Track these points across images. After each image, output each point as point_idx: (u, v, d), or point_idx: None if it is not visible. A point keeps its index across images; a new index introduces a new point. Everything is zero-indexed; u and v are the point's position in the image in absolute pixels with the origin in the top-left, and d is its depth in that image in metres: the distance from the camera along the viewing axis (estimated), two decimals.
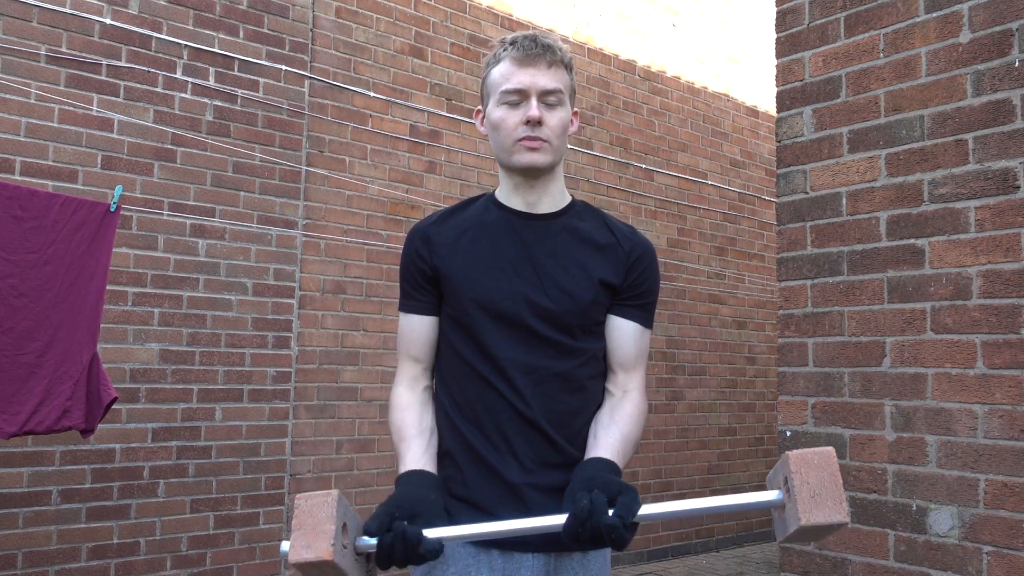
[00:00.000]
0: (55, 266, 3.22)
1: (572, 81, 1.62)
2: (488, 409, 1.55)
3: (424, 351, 1.65)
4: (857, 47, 2.80)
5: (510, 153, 1.57)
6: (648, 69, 6.67)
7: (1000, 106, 2.45)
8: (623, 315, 1.63)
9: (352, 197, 5.02)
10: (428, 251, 1.61)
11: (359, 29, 5.11)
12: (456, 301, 1.58)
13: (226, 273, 4.52)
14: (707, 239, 6.94)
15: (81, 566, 4.01)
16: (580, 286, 1.57)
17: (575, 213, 1.65)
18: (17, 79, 3.94)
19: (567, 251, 1.60)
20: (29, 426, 3.13)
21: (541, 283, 1.57)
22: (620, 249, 1.62)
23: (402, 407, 1.61)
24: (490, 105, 1.60)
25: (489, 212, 1.64)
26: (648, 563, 6.25)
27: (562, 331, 1.56)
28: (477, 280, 1.57)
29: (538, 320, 1.55)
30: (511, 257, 1.59)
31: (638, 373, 1.64)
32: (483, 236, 1.61)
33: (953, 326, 2.49)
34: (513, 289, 1.56)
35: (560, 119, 1.57)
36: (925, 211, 2.58)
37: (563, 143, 1.60)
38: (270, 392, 4.63)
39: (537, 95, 1.55)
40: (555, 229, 1.62)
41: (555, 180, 1.64)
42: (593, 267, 1.59)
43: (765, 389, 7.27)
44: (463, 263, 1.59)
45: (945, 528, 2.46)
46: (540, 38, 1.58)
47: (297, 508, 1.28)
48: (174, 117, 4.39)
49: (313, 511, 1.26)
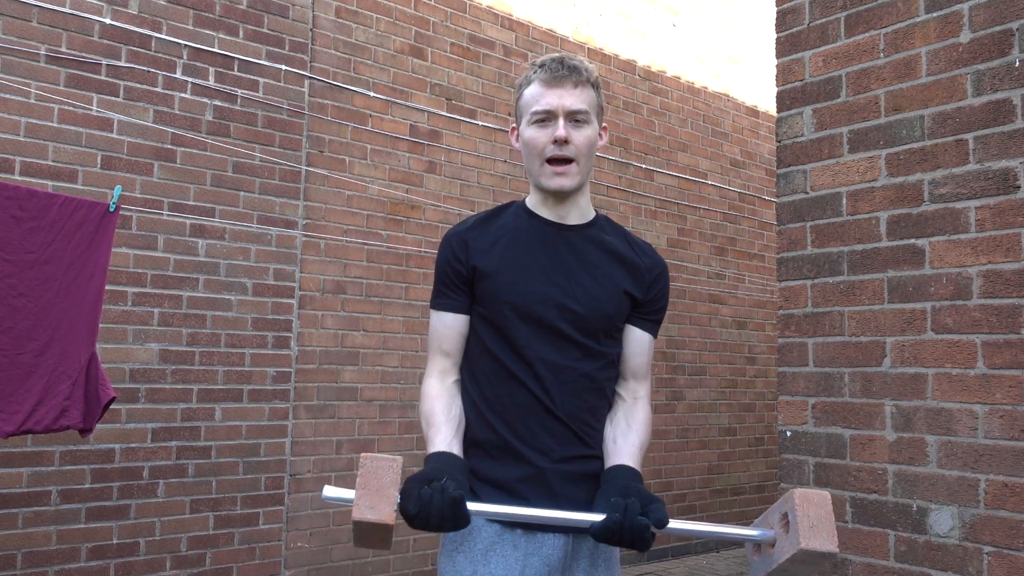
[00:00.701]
0: (54, 266, 3.22)
1: (599, 99, 1.74)
2: (517, 404, 1.66)
3: (454, 347, 1.75)
4: (857, 47, 2.80)
5: (540, 176, 1.70)
6: (648, 69, 6.67)
7: (1000, 106, 2.44)
8: (641, 327, 1.77)
9: (352, 197, 5.01)
10: (465, 254, 1.72)
11: (359, 29, 5.11)
12: (492, 302, 1.69)
13: (226, 273, 4.52)
14: (707, 239, 6.94)
15: (81, 566, 4.01)
16: (607, 294, 1.70)
17: (600, 226, 1.78)
18: (17, 79, 3.94)
19: (595, 261, 1.73)
20: (27, 425, 3.12)
21: (572, 289, 1.69)
22: (641, 265, 1.76)
23: (432, 396, 1.71)
24: (522, 125, 1.72)
25: (521, 219, 1.76)
26: (648, 563, 6.25)
27: (588, 335, 1.68)
28: (513, 283, 1.68)
29: (567, 324, 1.67)
30: (544, 263, 1.70)
31: (647, 381, 1.80)
32: (518, 242, 1.72)
33: (953, 326, 2.49)
34: (546, 293, 1.67)
35: (587, 137, 1.68)
36: (925, 211, 2.58)
37: (590, 160, 1.71)
38: (270, 392, 4.63)
39: (564, 115, 1.67)
40: (583, 240, 1.74)
41: (582, 195, 1.76)
42: (618, 278, 1.73)
43: (765, 389, 7.27)
44: (500, 266, 1.69)
45: (945, 528, 2.46)
46: (568, 59, 1.70)
47: (363, 468, 1.34)
48: (174, 117, 4.39)
49: (379, 473, 1.34)
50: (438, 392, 1.72)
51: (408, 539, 5.11)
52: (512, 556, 1.60)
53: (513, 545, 1.61)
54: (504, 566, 1.60)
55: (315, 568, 4.75)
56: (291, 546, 4.66)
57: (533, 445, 1.65)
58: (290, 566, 4.66)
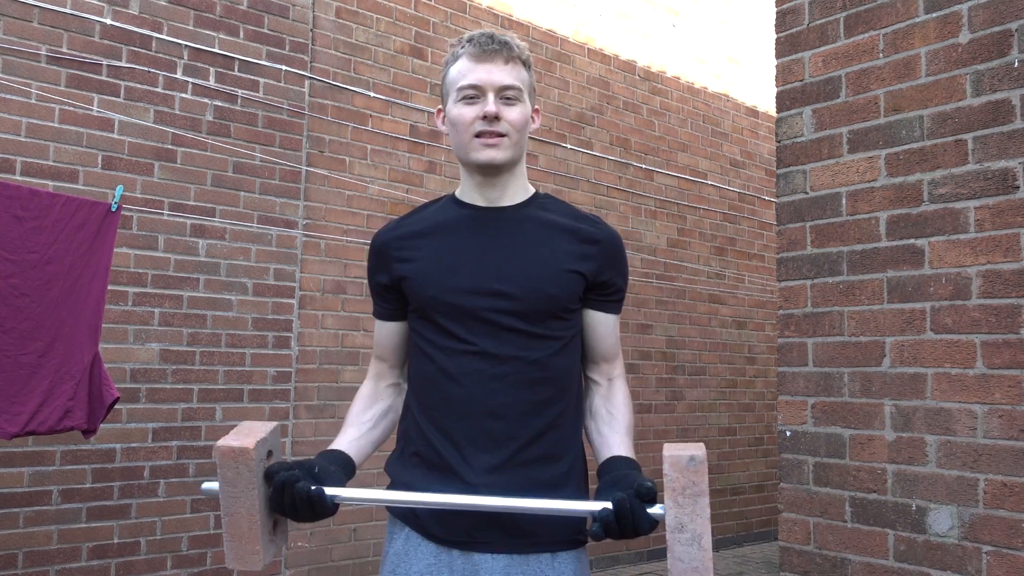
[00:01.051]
0: (57, 266, 3.22)
1: (531, 78, 1.61)
2: (454, 409, 1.53)
3: (386, 352, 1.69)
4: (857, 47, 2.80)
5: (468, 150, 1.57)
6: (648, 69, 6.68)
7: (1000, 106, 2.45)
8: (602, 309, 1.63)
9: (352, 197, 5.02)
10: (385, 261, 1.63)
11: (359, 29, 5.11)
12: (419, 301, 1.58)
13: (226, 273, 4.52)
14: (707, 239, 6.95)
15: (81, 566, 4.01)
16: (549, 274, 1.55)
17: (539, 204, 1.64)
18: (18, 79, 3.95)
19: (532, 239, 1.58)
20: (31, 426, 3.13)
21: (507, 273, 1.54)
22: (589, 239, 1.60)
23: (356, 398, 1.68)
24: (449, 103, 1.60)
25: (448, 210, 1.64)
26: (648, 563, 6.25)
27: (531, 320, 1.54)
28: (438, 278, 1.56)
29: (504, 312, 1.53)
30: (472, 251, 1.57)
31: (619, 360, 1.67)
32: (442, 234, 1.60)
33: (953, 326, 2.49)
34: (476, 283, 1.54)
35: (519, 114, 1.56)
36: (925, 211, 2.59)
37: (523, 138, 1.59)
38: (270, 392, 4.63)
39: (494, 91, 1.55)
40: (518, 219, 1.60)
41: (517, 176, 1.63)
42: (561, 254, 1.57)
43: (765, 389, 7.27)
44: (422, 263, 1.58)
45: (945, 528, 2.46)
46: (497, 35, 1.58)
47: (241, 423, 1.39)
48: (174, 117, 4.39)
49: (252, 427, 1.37)
50: (361, 394, 1.67)
51: None
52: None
53: (450, 569, 1.50)
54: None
55: (315, 568, 4.76)
56: (291, 546, 4.67)
57: (471, 453, 1.51)
58: (290, 566, 4.66)
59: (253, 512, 1.33)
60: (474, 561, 1.50)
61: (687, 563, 1.23)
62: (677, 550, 1.23)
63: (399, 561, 1.54)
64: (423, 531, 1.53)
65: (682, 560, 1.23)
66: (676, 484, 1.25)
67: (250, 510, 1.33)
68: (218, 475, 1.34)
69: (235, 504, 1.34)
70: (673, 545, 1.23)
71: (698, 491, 1.24)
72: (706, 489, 1.25)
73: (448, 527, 1.51)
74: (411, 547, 1.54)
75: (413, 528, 1.55)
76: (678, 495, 1.24)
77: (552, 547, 1.53)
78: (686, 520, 1.23)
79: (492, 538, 1.49)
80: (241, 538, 1.34)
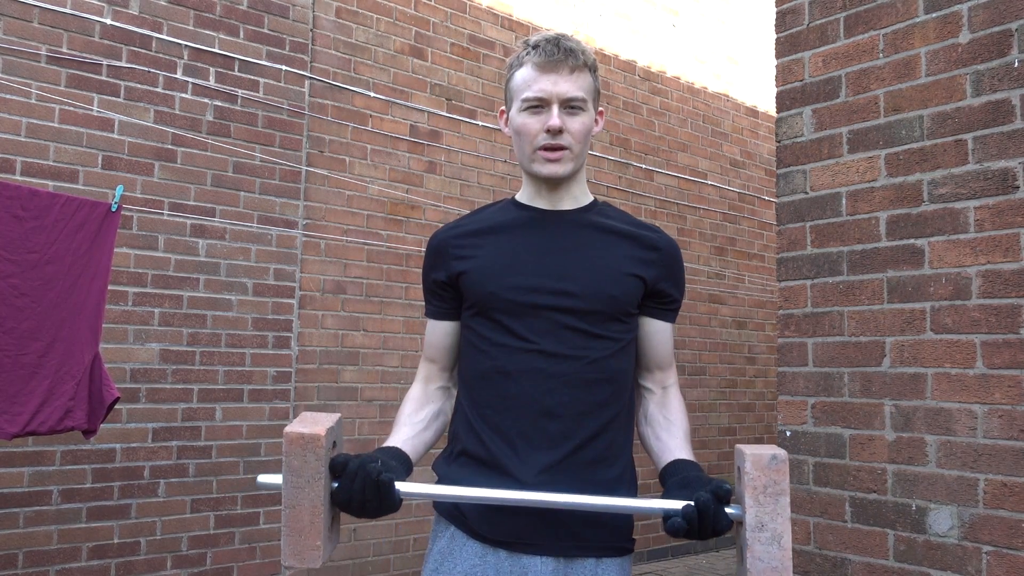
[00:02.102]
0: (57, 266, 3.22)
1: (596, 83, 1.61)
2: (509, 406, 1.52)
3: (438, 353, 1.67)
4: (857, 47, 2.80)
5: (531, 161, 1.57)
6: (648, 69, 6.68)
7: (999, 106, 2.45)
8: (660, 318, 1.64)
9: (352, 197, 5.02)
10: (443, 258, 1.62)
11: (359, 29, 5.11)
12: (477, 297, 1.57)
13: (226, 273, 4.52)
14: (707, 239, 6.95)
15: (82, 566, 4.01)
16: (610, 275, 1.56)
17: (599, 210, 1.65)
18: (18, 79, 3.95)
19: (593, 243, 1.59)
20: (31, 427, 3.13)
21: (569, 272, 1.55)
22: (650, 246, 1.61)
23: (406, 400, 1.65)
24: (513, 110, 1.60)
25: (508, 212, 1.64)
26: (648, 563, 6.25)
27: (592, 320, 1.54)
28: (499, 274, 1.55)
29: (566, 310, 1.53)
30: (533, 250, 1.57)
31: (673, 369, 1.67)
32: (502, 233, 1.60)
33: (953, 326, 2.49)
34: (537, 281, 1.54)
35: (582, 124, 1.56)
36: (925, 211, 2.59)
37: (585, 148, 1.59)
38: (270, 392, 4.63)
39: (559, 103, 1.54)
40: (579, 223, 1.61)
41: (578, 181, 1.64)
42: (621, 258, 1.58)
43: (765, 389, 7.27)
44: (482, 260, 1.58)
45: (945, 528, 2.46)
46: (563, 41, 1.56)
47: (303, 412, 1.36)
48: (174, 117, 4.39)
49: (317, 416, 1.33)
50: (412, 396, 1.65)
51: (408, 539, 5.11)
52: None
53: (496, 570, 1.49)
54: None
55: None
56: None
57: (524, 453, 1.49)
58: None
59: (317, 504, 1.28)
60: (522, 564, 1.49)
61: (766, 562, 1.22)
62: (757, 549, 1.23)
63: (443, 559, 1.53)
64: (469, 530, 1.52)
65: (762, 560, 1.22)
66: (758, 483, 1.24)
67: (314, 502, 1.28)
68: (283, 464, 1.28)
69: (298, 495, 1.28)
70: (753, 544, 1.23)
71: (779, 490, 1.24)
72: (787, 489, 1.25)
73: (496, 527, 1.49)
74: (456, 546, 1.53)
75: (459, 527, 1.54)
76: (759, 494, 1.24)
77: (599, 553, 1.52)
78: (767, 519, 1.23)
79: (541, 540, 1.48)
80: (302, 532, 1.29)
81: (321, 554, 1.30)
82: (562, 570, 1.49)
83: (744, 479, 1.26)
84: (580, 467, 1.50)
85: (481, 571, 1.50)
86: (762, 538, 1.22)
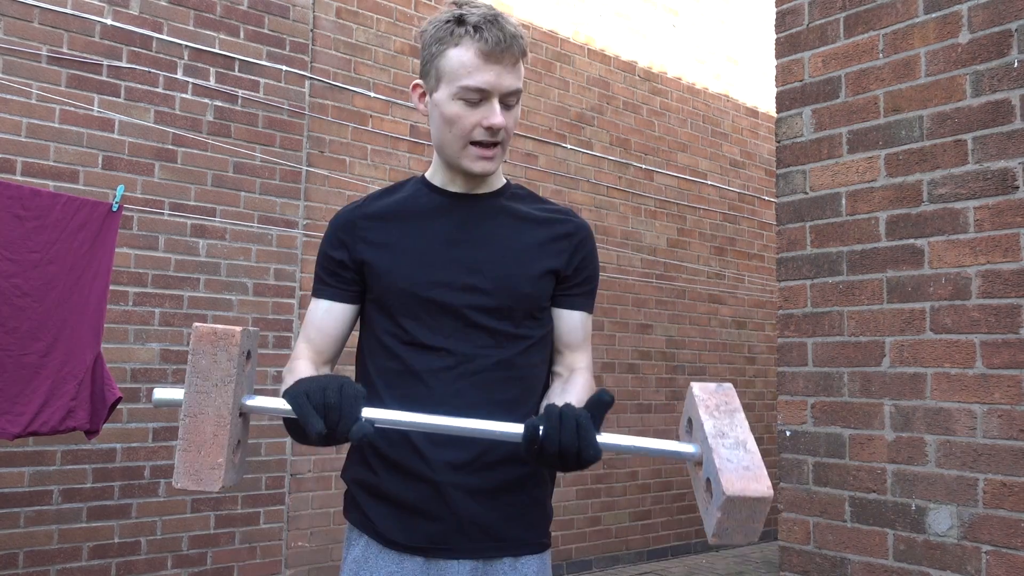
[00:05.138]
0: (58, 266, 3.23)
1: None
2: (416, 405, 1.38)
3: (326, 341, 1.54)
4: (856, 47, 2.81)
5: (459, 156, 1.46)
6: (648, 69, 6.68)
7: (999, 106, 2.45)
8: (571, 306, 1.55)
9: (352, 197, 5.02)
10: (348, 238, 1.52)
11: (359, 29, 5.12)
12: (385, 290, 1.48)
13: (227, 273, 4.53)
14: (707, 239, 6.95)
15: (82, 565, 4.01)
16: (523, 271, 1.48)
17: (511, 194, 1.56)
18: (18, 79, 3.95)
19: (507, 234, 1.50)
20: (33, 427, 3.13)
21: (479, 267, 1.47)
22: (562, 231, 1.53)
23: (295, 359, 1.52)
24: (442, 92, 1.45)
25: (420, 197, 1.54)
26: (648, 563, 6.25)
27: (502, 318, 1.46)
28: (409, 267, 1.47)
29: (475, 307, 1.46)
30: (445, 241, 1.49)
31: (585, 352, 1.58)
32: (412, 222, 1.51)
33: (952, 326, 2.50)
34: (448, 276, 1.46)
35: (515, 118, 1.48)
36: (924, 211, 2.59)
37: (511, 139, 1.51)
38: (270, 392, 4.64)
39: (499, 96, 1.43)
40: (493, 211, 1.52)
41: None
42: (535, 251, 1.50)
43: (765, 389, 7.28)
44: (391, 251, 1.49)
45: (944, 527, 2.47)
46: (506, 25, 1.42)
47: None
48: (175, 117, 4.40)
49: (233, 326, 1.16)
50: (301, 355, 1.51)
51: None
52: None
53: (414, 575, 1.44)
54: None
55: (315, 568, 4.76)
56: (292, 545, 4.67)
57: (435, 452, 1.42)
58: (290, 565, 4.67)
59: (224, 413, 1.11)
60: (440, 568, 1.44)
61: (736, 462, 1.09)
62: (723, 452, 1.10)
63: (359, 568, 1.48)
64: (382, 539, 1.47)
65: (731, 460, 1.09)
66: (709, 402, 1.16)
67: (220, 410, 1.11)
68: (188, 365, 1.13)
69: (202, 402, 1.12)
70: (718, 449, 1.11)
71: (732, 408, 1.16)
72: (740, 408, 1.16)
73: (411, 534, 1.45)
74: (371, 554, 1.47)
75: (372, 536, 1.48)
76: (713, 410, 1.15)
77: (516, 552, 1.48)
78: (726, 428, 1.13)
79: (457, 544, 1.44)
80: (202, 447, 1.11)
81: (222, 474, 1.11)
82: (481, 570, 1.46)
83: (694, 403, 1.17)
84: (492, 467, 1.45)
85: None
86: (726, 443, 1.12)
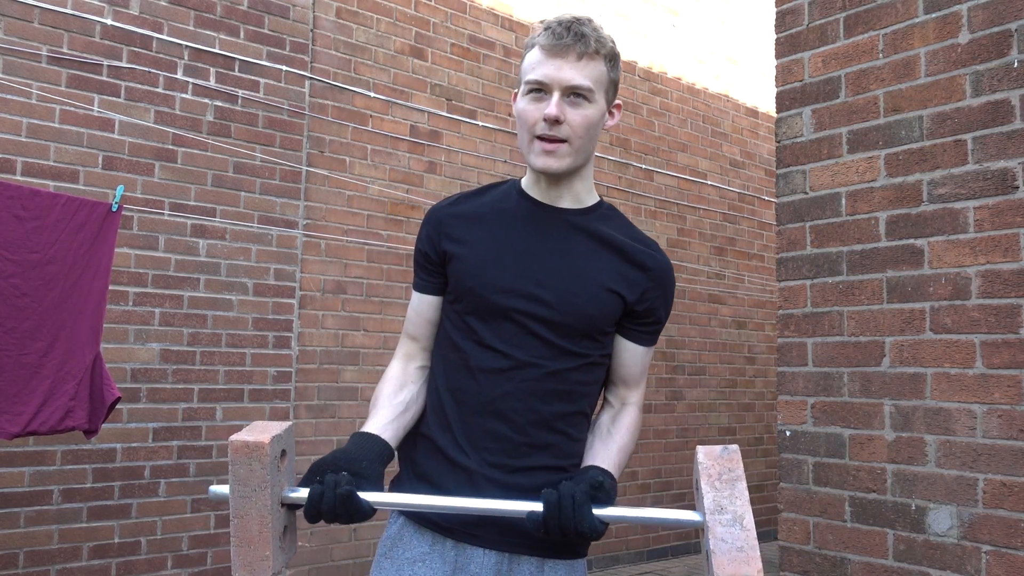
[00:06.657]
0: (58, 266, 3.23)
1: (612, 74, 1.50)
2: (466, 401, 1.49)
3: (419, 329, 1.61)
4: (856, 47, 2.81)
5: (527, 152, 1.49)
6: (648, 69, 6.68)
7: (999, 106, 2.45)
8: (635, 340, 1.57)
9: (352, 197, 5.02)
10: (436, 234, 1.56)
11: (359, 29, 5.11)
12: (456, 287, 1.53)
13: (227, 273, 4.53)
14: (707, 239, 6.95)
15: (82, 565, 4.02)
16: (589, 292, 1.49)
17: (600, 215, 1.56)
18: (18, 79, 3.95)
19: (582, 252, 1.51)
20: (32, 426, 3.13)
21: (546, 281, 1.48)
22: (640, 262, 1.53)
23: (385, 379, 1.59)
24: (519, 92, 1.51)
25: (509, 199, 1.57)
26: (648, 563, 6.25)
27: (562, 334, 1.48)
28: (480, 268, 1.50)
29: (536, 319, 1.48)
30: (521, 249, 1.51)
31: (639, 388, 1.61)
32: (498, 223, 1.54)
33: (952, 326, 2.50)
34: (515, 283, 1.48)
35: (584, 117, 1.45)
36: (924, 211, 2.59)
37: (587, 143, 1.48)
38: (271, 392, 4.64)
39: (561, 90, 1.44)
40: (573, 227, 1.53)
41: (580, 179, 1.54)
42: (607, 275, 1.50)
43: (765, 389, 7.28)
44: (469, 250, 1.52)
45: (944, 527, 2.47)
46: (576, 25, 1.45)
47: (255, 422, 1.34)
48: (175, 117, 4.40)
49: (266, 425, 1.32)
50: (392, 375, 1.58)
51: None
52: (440, 570, 1.48)
53: (442, 559, 1.48)
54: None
55: (315, 568, 4.76)
56: None
57: (473, 448, 1.48)
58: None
59: (264, 513, 1.26)
60: (467, 554, 1.48)
61: (730, 543, 1.13)
62: (719, 531, 1.14)
63: (393, 544, 1.53)
64: (419, 518, 1.51)
65: (725, 540, 1.13)
66: (712, 471, 1.20)
67: (261, 511, 1.26)
68: (230, 473, 1.28)
69: (246, 505, 1.27)
70: (714, 527, 1.15)
71: (734, 476, 1.20)
72: (743, 475, 1.20)
73: (443, 515, 1.48)
74: (407, 533, 1.52)
75: (409, 515, 1.53)
76: (715, 480, 1.19)
77: (542, 553, 1.49)
78: (725, 503, 1.17)
79: (483, 533, 1.47)
80: (251, 543, 1.27)
81: (271, 564, 1.27)
82: (506, 565, 1.48)
83: (699, 470, 1.22)
84: (528, 472, 1.48)
85: (430, 558, 1.49)
86: (723, 520, 1.16)
